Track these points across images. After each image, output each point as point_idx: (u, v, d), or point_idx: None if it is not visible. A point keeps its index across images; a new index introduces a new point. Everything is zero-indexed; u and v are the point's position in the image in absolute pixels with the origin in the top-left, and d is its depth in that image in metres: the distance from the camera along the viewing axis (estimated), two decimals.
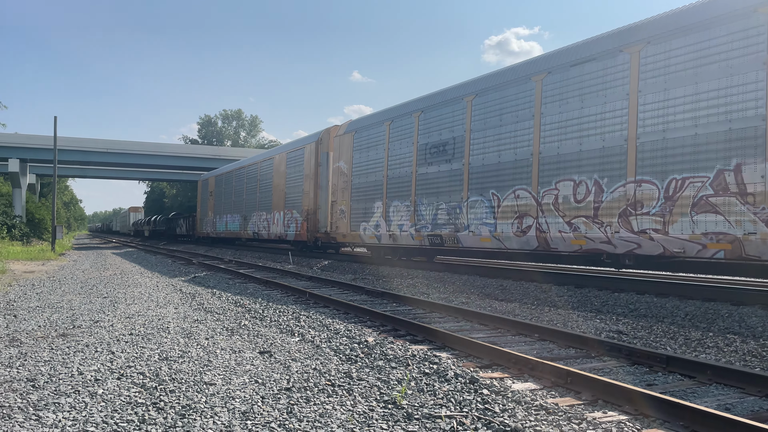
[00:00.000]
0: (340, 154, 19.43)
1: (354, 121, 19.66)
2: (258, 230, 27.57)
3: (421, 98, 16.08)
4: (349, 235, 18.44)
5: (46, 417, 4.03)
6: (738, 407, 4.57)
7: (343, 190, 18.93)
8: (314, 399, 4.54)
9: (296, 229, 22.84)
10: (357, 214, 18.09)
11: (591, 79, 10.95)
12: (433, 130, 14.93)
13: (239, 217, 30.75)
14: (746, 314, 8.30)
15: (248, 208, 29.26)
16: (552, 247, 11.59)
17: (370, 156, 17.63)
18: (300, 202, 22.61)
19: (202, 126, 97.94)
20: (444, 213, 14.33)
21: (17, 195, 48.91)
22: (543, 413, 4.19)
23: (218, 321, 8.23)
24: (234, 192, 32.15)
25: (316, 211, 21.40)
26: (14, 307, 9.50)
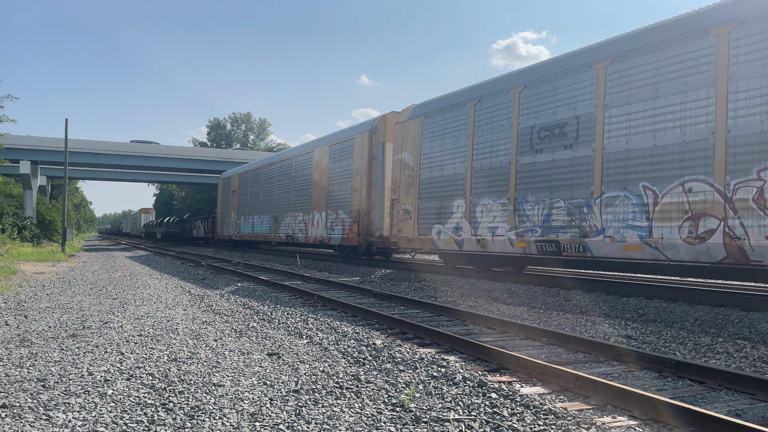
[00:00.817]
0: (402, 143, 16.43)
1: (422, 104, 16.51)
2: (293, 233, 24.75)
3: (522, 71, 13.19)
4: (417, 239, 15.54)
5: (56, 417, 4.06)
6: (749, 413, 4.53)
7: (408, 186, 16.01)
8: (322, 401, 4.54)
9: (342, 232, 20.11)
10: (428, 214, 15.24)
11: None
12: (544, 109, 11.98)
13: (268, 219, 27.89)
14: (756, 320, 8.23)
15: (280, 209, 26.46)
16: (753, 260, 8.74)
17: (447, 145, 14.71)
18: (348, 202, 19.87)
19: (211, 129, 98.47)
20: (562, 213, 11.45)
21: (28, 196, 49.30)
22: (552, 418, 4.17)
23: (227, 323, 8.25)
24: (262, 191, 29.17)
25: (369, 212, 18.57)
26: (25, 307, 9.57)
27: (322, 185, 22.22)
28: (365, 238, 18.79)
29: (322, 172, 22.23)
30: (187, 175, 63.48)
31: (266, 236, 28.26)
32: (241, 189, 32.84)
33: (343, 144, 20.84)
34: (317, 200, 22.51)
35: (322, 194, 22.06)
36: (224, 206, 36.32)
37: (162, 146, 53.72)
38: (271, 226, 27.47)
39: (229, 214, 34.95)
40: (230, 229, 34.46)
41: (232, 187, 34.72)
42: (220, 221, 37.18)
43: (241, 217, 32.46)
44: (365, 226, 18.78)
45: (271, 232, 27.40)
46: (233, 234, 33.87)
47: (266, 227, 28.24)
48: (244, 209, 31.91)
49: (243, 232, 31.94)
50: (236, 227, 33.18)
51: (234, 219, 33.74)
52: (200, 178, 64.96)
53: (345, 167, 20.40)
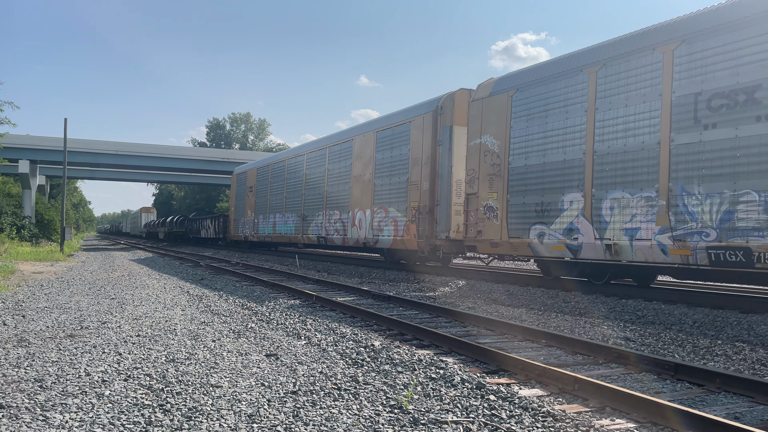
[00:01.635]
0: (482, 125, 13.56)
1: (510, 75, 13.57)
2: (326, 234, 21.50)
3: (675, 22, 10.11)
4: (506, 243, 12.69)
5: (53, 417, 4.05)
6: (747, 416, 4.53)
7: (491, 177, 13.16)
8: (320, 403, 4.53)
9: (395, 233, 16.97)
10: (523, 212, 12.39)
11: None
12: (718, 70, 9.13)
13: (294, 218, 24.73)
14: (755, 322, 8.23)
15: (310, 206, 23.26)
16: None
17: (551, 124, 11.80)
18: (402, 197, 16.87)
19: (210, 129, 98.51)
20: (754, 209, 8.57)
21: (27, 196, 49.26)
22: (550, 420, 4.17)
23: (225, 323, 8.24)
24: (287, 186, 25.96)
25: (433, 209, 15.60)
26: (23, 307, 9.56)
27: (365, 179, 19.05)
28: (428, 241, 15.68)
29: (366, 163, 19.08)
30: (186, 174, 63.48)
31: (291, 237, 25.04)
32: (260, 185, 29.63)
33: (395, 130, 17.68)
34: (359, 196, 19.31)
35: (366, 189, 18.90)
36: (239, 204, 32.87)
37: (161, 146, 53.70)
38: (298, 226, 24.28)
39: (244, 213, 31.74)
40: (246, 229, 31.31)
41: (248, 183, 31.52)
42: (234, 221, 33.80)
43: (259, 215, 29.19)
44: (427, 226, 15.71)
45: (298, 233, 24.17)
46: (250, 234, 30.65)
47: (291, 227, 25.09)
48: (263, 207, 28.63)
49: (262, 232, 28.67)
50: (253, 227, 30.04)
51: (251, 218, 30.49)
52: (200, 178, 64.96)
53: (398, 157, 17.30)
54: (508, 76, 13.58)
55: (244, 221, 31.65)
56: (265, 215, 28.41)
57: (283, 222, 25.99)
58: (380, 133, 18.60)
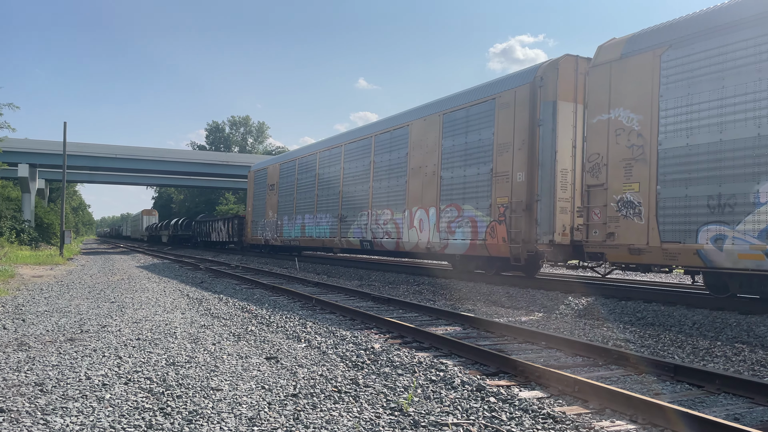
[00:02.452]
0: (611, 97, 10.80)
1: (657, 29, 10.48)
2: (373, 237, 18.41)
3: None
4: (656, 250, 9.84)
5: (53, 421, 4.05)
6: (747, 417, 4.53)
7: (629, 162, 10.40)
8: (321, 405, 4.54)
9: (473, 235, 14.11)
10: (686, 207, 9.49)
11: None
12: None
13: (329, 218, 21.65)
14: (755, 323, 8.24)
15: (350, 205, 20.13)
16: None
17: (733, 88, 8.96)
18: (483, 192, 13.91)
19: (210, 132, 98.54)
20: None
21: (26, 200, 49.24)
22: (550, 422, 4.17)
23: (225, 326, 8.24)
24: (318, 183, 22.90)
25: (532, 206, 12.67)
26: (23, 311, 9.56)
27: (427, 171, 16.07)
28: (525, 246, 12.64)
29: (429, 152, 16.09)
30: (186, 178, 63.48)
31: (326, 241, 21.96)
32: (284, 182, 26.49)
33: (471, 110, 14.68)
34: (419, 192, 16.32)
35: (429, 184, 15.93)
36: (257, 204, 29.85)
37: (160, 149, 53.72)
38: (334, 229, 21.05)
39: (264, 214, 28.56)
40: (267, 231, 28.17)
41: (269, 180, 28.36)
42: (252, 222, 30.67)
43: (283, 216, 26.11)
44: (524, 227, 12.70)
45: (335, 236, 21.01)
46: (272, 237, 27.48)
47: (325, 229, 21.91)
48: (288, 207, 25.67)
49: (287, 235, 25.61)
50: (276, 229, 26.95)
51: (273, 219, 27.40)
52: (199, 181, 64.94)
53: (475, 143, 14.36)
54: (650, 31, 10.63)
55: (265, 223, 28.57)
56: (290, 216, 25.40)
57: (314, 223, 22.94)
58: (449, 116, 15.47)
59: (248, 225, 31.43)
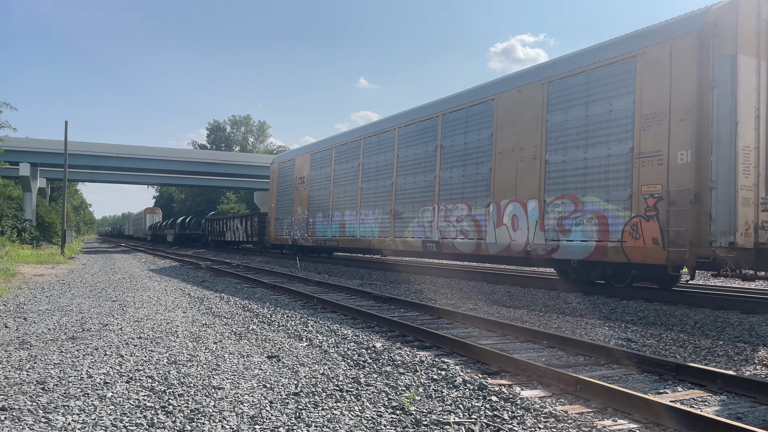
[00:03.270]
0: None
1: None
2: (441, 237, 15.41)
3: None
4: None
5: (55, 420, 4.05)
6: (749, 416, 4.53)
7: None
8: (322, 404, 4.53)
9: (601, 235, 11.19)
10: None
11: None
12: None
13: (378, 215, 18.60)
14: (756, 323, 8.23)
15: (407, 198, 17.11)
16: None
17: None
18: (619, 178, 10.98)
19: (211, 131, 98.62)
20: None
21: (27, 199, 49.26)
22: (552, 421, 4.17)
23: (226, 325, 8.24)
24: (363, 173, 19.81)
25: (703, 196, 9.67)
26: (24, 310, 9.56)
27: (525, 154, 12.95)
28: (694, 250, 9.65)
29: (526, 130, 13.02)
30: (187, 177, 63.49)
31: (374, 242, 18.69)
32: (318, 174, 23.39)
33: (593, 75, 11.70)
34: (510, 181, 13.30)
35: (528, 170, 12.85)
36: (282, 200, 26.79)
37: (162, 149, 53.68)
38: (386, 227, 17.93)
39: (291, 211, 25.51)
40: (295, 230, 25.11)
41: (297, 172, 25.28)
42: (275, 220, 27.49)
43: (316, 213, 23.07)
44: (691, 225, 9.69)
45: (386, 236, 17.88)
46: (301, 237, 24.42)
47: (373, 228, 18.76)
48: (323, 202, 22.60)
49: (322, 234, 22.55)
50: (306, 228, 23.83)
51: (302, 217, 24.36)
52: (201, 180, 64.94)
53: (602, 116, 11.39)
54: None
55: (292, 221, 25.48)
56: (326, 213, 22.30)
57: (358, 221, 19.78)
58: (557, 84, 12.45)
59: (271, 223, 28.19)
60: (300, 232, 24.61)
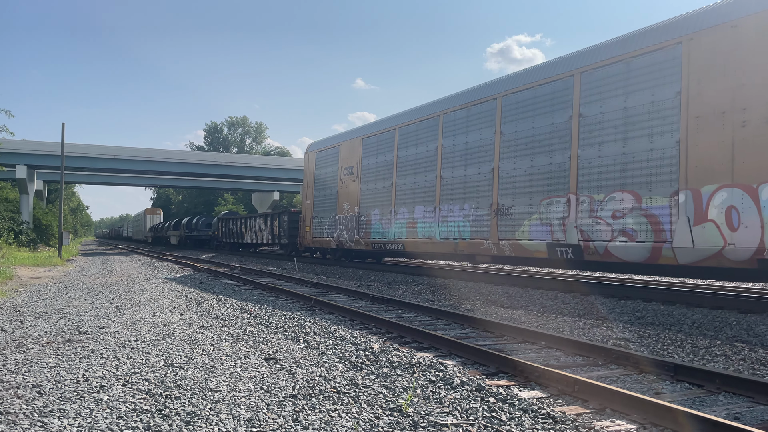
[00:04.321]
0: None
1: None
2: (586, 239, 11.43)
3: None
4: None
5: (51, 423, 4.03)
6: (747, 416, 4.52)
7: None
8: (320, 406, 4.52)
9: None
10: None
11: None
12: None
13: (470, 209, 14.46)
14: (755, 322, 8.23)
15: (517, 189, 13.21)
16: None
17: None
18: None
19: (208, 133, 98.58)
20: None
21: (24, 201, 49.16)
22: (550, 422, 4.16)
23: (223, 327, 8.22)
24: (443, 158, 15.55)
25: None
26: (21, 312, 9.53)
27: (753, 116, 9.01)
28: None
29: (750, 84, 9.08)
30: (184, 179, 63.41)
31: (464, 245, 14.47)
32: (372, 162, 19.19)
33: None
34: (719, 157, 9.39)
35: (760, 139, 8.92)
36: (322, 195, 22.59)
37: (159, 150, 53.59)
38: (483, 225, 13.92)
39: (335, 207, 21.32)
40: (340, 231, 20.78)
41: (343, 161, 21.01)
42: (312, 219, 23.23)
43: (371, 210, 18.89)
44: None
45: (484, 236, 13.86)
46: (349, 239, 20.18)
47: (462, 227, 14.57)
48: (382, 196, 18.33)
49: (381, 235, 18.17)
50: (357, 228, 19.61)
51: (351, 214, 20.15)
52: (198, 182, 64.86)
53: None
54: None
55: (336, 219, 21.20)
56: (385, 209, 18.06)
57: (437, 218, 15.55)
58: None
59: (306, 223, 23.83)
60: (348, 232, 20.29)
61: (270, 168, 54.27)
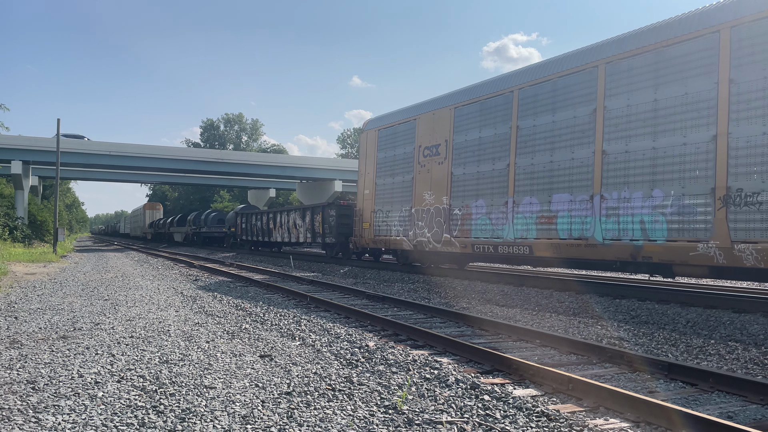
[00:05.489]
0: None
1: None
2: None
3: None
4: None
5: (45, 419, 4.02)
6: (740, 415, 4.55)
7: None
8: (315, 403, 4.52)
9: None
10: None
11: None
12: None
13: (663, 199, 10.20)
14: (748, 322, 8.27)
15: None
16: None
17: None
18: None
19: (204, 129, 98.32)
20: None
21: (20, 197, 48.98)
22: (544, 420, 4.17)
23: (219, 324, 8.22)
24: (609, 123, 11.20)
25: None
26: (15, 308, 9.50)
27: None
28: None
29: None
30: (180, 175, 63.26)
31: (655, 251, 10.28)
32: (474, 137, 14.61)
33: None
34: None
35: None
36: (387, 183, 17.98)
37: (155, 147, 53.43)
38: (693, 218, 9.73)
39: (413, 198, 16.62)
40: (418, 228, 16.20)
41: (423, 139, 16.41)
42: (372, 213, 18.60)
43: (471, 201, 14.46)
44: None
45: (702, 238, 9.54)
46: (433, 238, 15.61)
47: (654, 222, 10.35)
48: (490, 182, 13.99)
49: (487, 234, 13.91)
50: (446, 224, 15.13)
51: (436, 206, 15.63)
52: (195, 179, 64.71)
53: None
54: None
55: (411, 214, 16.64)
56: (495, 199, 13.71)
57: (595, 211, 11.36)
58: None
59: (364, 218, 19.12)
60: (431, 230, 15.72)
61: (266, 165, 54.14)
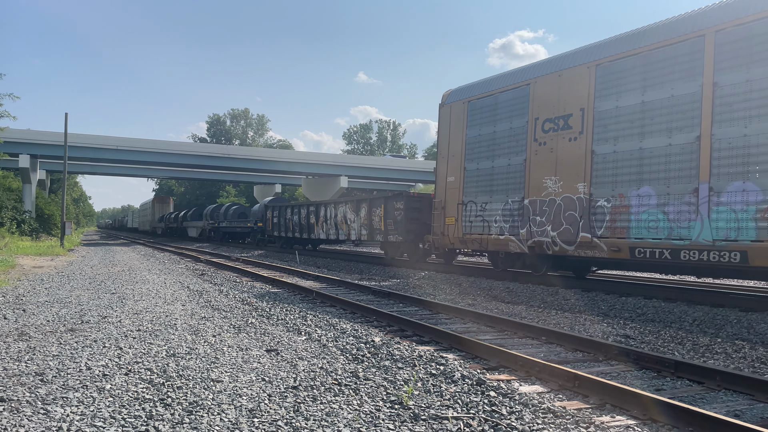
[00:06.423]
0: None
1: None
2: None
3: None
4: None
5: (54, 411, 4.05)
6: (747, 414, 4.53)
7: None
8: (321, 398, 4.54)
9: None
10: None
11: None
12: None
13: None
14: (755, 320, 8.24)
15: None
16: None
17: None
18: None
19: (210, 125, 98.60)
20: None
21: (27, 190, 49.23)
22: (550, 416, 4.17)
23: (225, 318, 8.25)
24: None
25: None
26: (23, 301, 9.56)
27: None
28: None
29: None
30: (187, 170, 63.43)
31: None
32: (630, 102, 11.11)
33: None
34: None
35: None
36: (482, 168, 14.65)
37: (162, 141, 53.57)
38: None
39: (526, 186, 13.30)
40: (536, 225, 12.89)
41: (541, 110, 13.12)
42: (461, 206, 15.20)
43: (628, 189, 11.01)
44: None
45: None
46: (561, 239, 12.23)
47: None
48: (662, 163, 10.44)
49: (663, 234, 10.23)
50: (585, 219, 11.72)
51: (564, 197, 12.28)
52: (201, 174, 64.88)
53: None
54: None
55: (524, 206, 13.28)
56: (670, 187, 10.30)
57: None
58: None
59: (447, 211, 15.67)
60: (556, 228, 12.43)
61: (273, 161, 54.23)
